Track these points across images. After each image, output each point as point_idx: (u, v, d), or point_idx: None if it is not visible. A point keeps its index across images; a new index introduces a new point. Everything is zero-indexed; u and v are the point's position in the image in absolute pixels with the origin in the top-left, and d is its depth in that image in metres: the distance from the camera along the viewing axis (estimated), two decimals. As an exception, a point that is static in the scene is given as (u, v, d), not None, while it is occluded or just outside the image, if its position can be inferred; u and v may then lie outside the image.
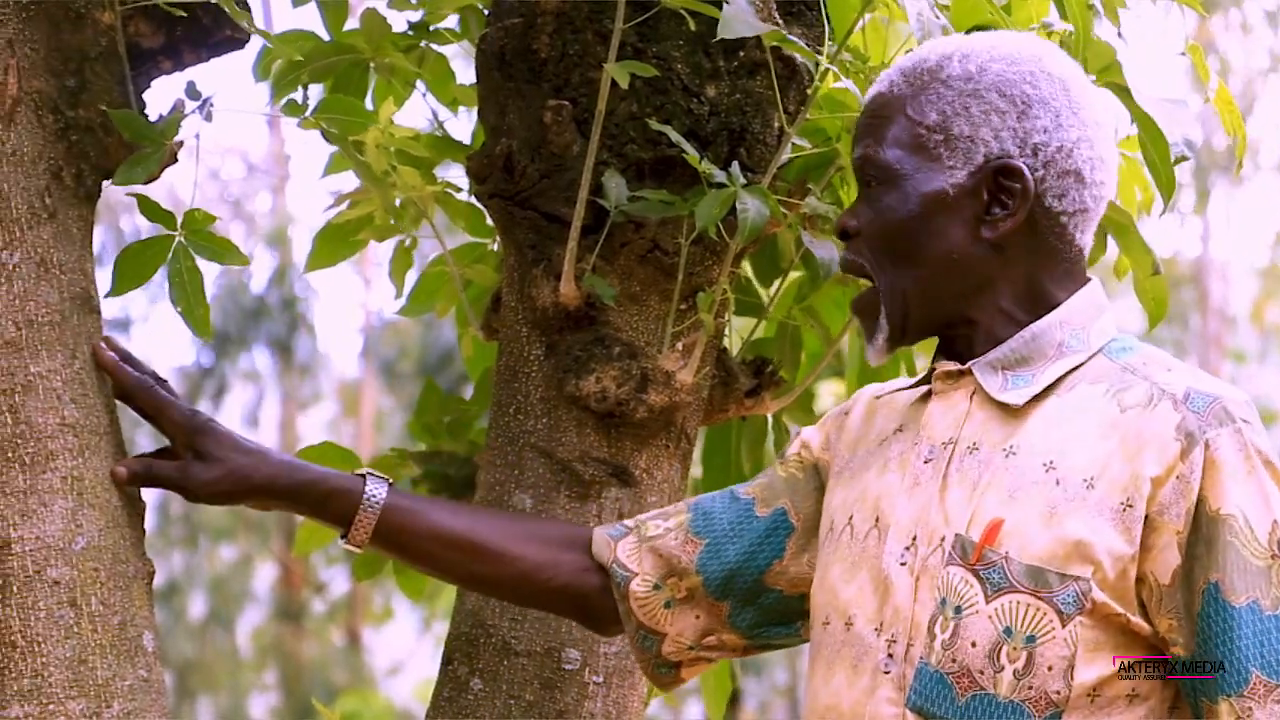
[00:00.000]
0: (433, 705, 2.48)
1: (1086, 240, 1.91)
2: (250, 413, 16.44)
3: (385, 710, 13.95)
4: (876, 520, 1.89)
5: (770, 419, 2.86)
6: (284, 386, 16.76)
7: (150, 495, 2.15)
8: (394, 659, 17.37)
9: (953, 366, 1.90)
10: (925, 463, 1.87)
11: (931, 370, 1.94)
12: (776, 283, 2.76)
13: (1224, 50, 15.93)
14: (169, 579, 15.33)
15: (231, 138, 17.52)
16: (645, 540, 2.10)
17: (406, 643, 17.19)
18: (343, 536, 2.11)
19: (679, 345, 2.46)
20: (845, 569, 1.90)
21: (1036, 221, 1.87)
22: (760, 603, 2.07)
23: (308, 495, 2.10)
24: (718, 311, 2.46)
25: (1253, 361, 18.37)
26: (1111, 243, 2.58)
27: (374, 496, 2.09)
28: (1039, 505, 1.78)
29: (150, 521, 2.22)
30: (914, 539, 1.84)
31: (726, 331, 2.62)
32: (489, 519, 2.23)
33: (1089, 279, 1.91)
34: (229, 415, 15.45)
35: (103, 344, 2.08)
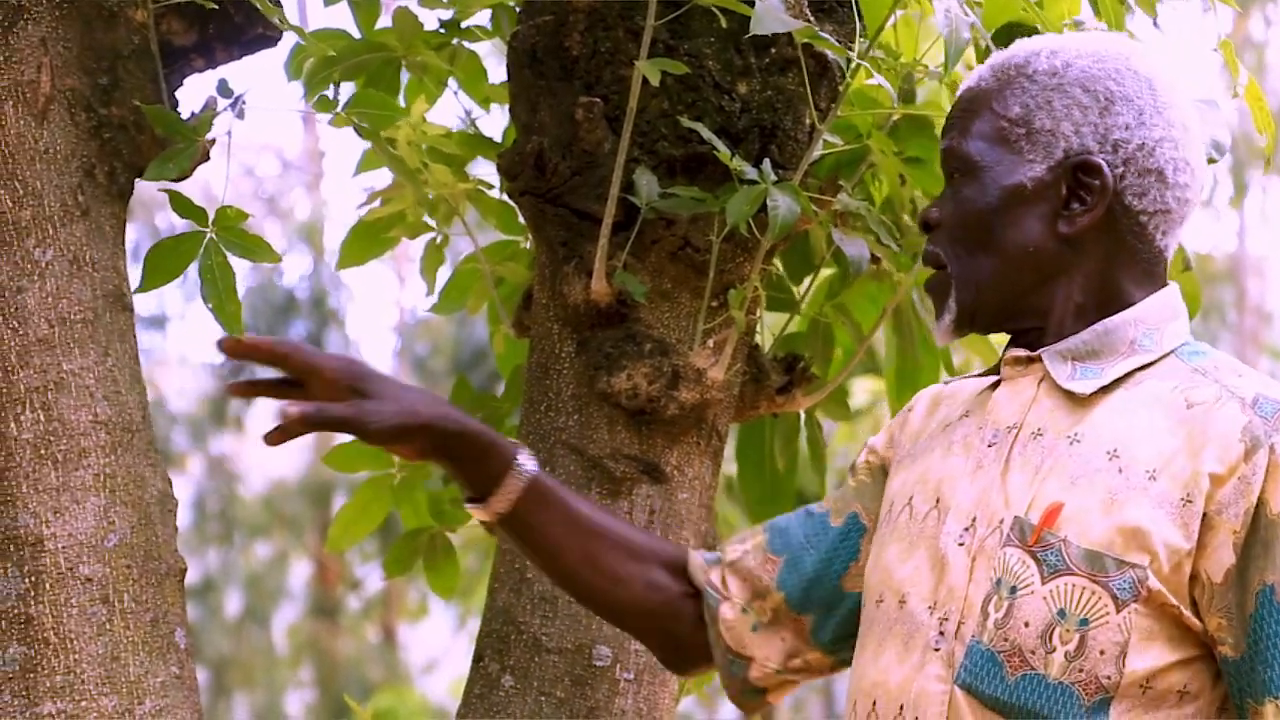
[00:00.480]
0: (464, 702, 2.48)
1: (1168, 242, 1.89)
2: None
3: (420, 707, 13.97)
4: (937, 501, 1.88)
5: (803, 415, 2.86)
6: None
7: (184, 493, 2.15)
8: (429, 656, 17.40)
9: (1022, 353, 1.90)
10: (989, 446, 1.87)
11: (1000, 361, 1.94)
12: (808, 279, 2.76)
13: (1261, 43, 15.85)
14: (205, 576, 15.36)
15: (266, 135, 17.61)
16: (728, 565, 2.07)
17: (442, 639, 17.21)
18: (475, 500, 2.02)
19: (710, 342, 2.46)
20: (903, 548, 1.90)
21: (1115, 219, 1.85)
22: (840, 610, 2.04)
23: (472, 443, 2.00)
24: (749, 308, 2.46)
25: (1290, 358, 18.27)
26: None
27: (526, 465, 2.02)
28: (1100, 492, 1.77)
29: (186, 518, 2.22)
30: (973, 520, 1.83)
31: (758, 328, 2.61)
32: (613, 520, 2.14)
33: (1168, 283, 1.90)
34: (261, 412, 15.48)
35: (232, 341, 1.92)
